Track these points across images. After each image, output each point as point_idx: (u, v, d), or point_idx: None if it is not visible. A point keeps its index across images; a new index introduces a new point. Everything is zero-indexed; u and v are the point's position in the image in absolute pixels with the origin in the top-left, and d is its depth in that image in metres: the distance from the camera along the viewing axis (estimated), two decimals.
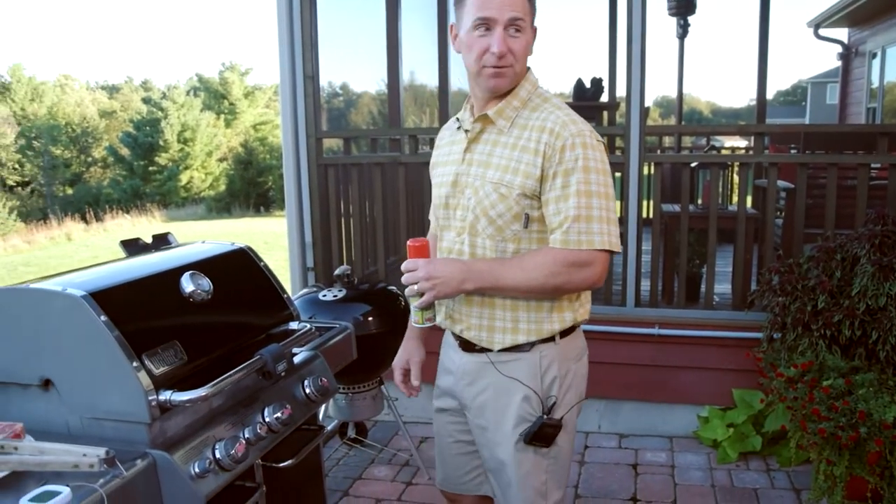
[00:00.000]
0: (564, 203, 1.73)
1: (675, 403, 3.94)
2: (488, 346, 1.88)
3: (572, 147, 1.73)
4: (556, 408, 1.87)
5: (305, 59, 4.15)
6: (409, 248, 1.81)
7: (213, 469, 1.59)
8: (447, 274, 1.76)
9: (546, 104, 1.82)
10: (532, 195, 1.77)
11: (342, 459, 3.77)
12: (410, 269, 1.77)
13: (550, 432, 1.85)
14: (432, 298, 1.77)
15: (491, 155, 1.82)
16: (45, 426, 1.66)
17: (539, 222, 1.80)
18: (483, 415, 1.92)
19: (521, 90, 1.82)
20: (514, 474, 1.88)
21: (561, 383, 1.88)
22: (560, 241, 1.74)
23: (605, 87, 6.53)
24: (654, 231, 4.04)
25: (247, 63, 57.08)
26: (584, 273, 1.75)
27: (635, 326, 3.87)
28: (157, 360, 1.60)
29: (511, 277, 1.77)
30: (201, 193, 35.58)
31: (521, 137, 1.79)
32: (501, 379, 1.87)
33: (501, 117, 1.81)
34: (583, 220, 1.72)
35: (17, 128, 37.08)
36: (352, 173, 4.35)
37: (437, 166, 2.00)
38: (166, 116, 34.79)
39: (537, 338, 1.85)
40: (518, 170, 1.77)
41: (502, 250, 1.82)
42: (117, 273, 1.81)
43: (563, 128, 1.74)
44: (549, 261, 1.75)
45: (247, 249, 2.14)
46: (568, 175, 1.73)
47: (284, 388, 1.95)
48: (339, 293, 3.16)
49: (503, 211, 1.78)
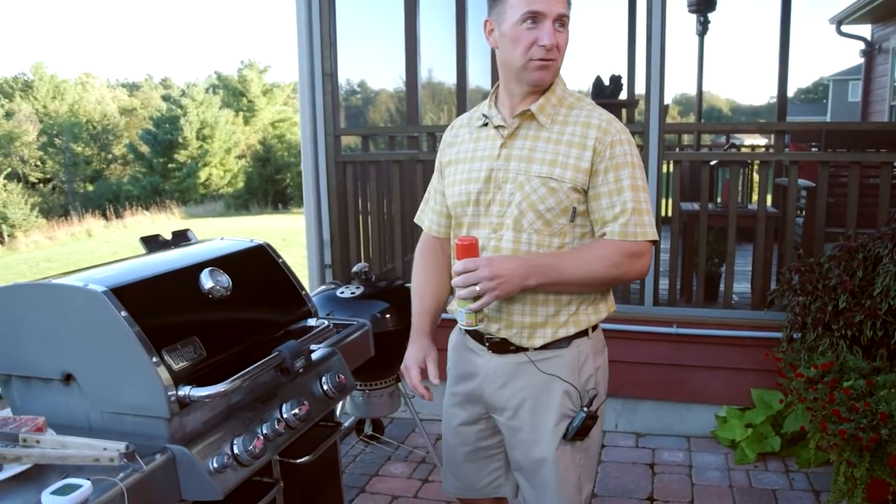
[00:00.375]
0: (619, 196, 1.77)
1: (693, 403, 3.92)
2: (528, 344, 1.86)
3: (620, 143, 1.79)
4: (596, 400, 1.88)
5: (324, 57, 4.16)
6: (458, 247, 1.74)
7: (231, 464, 1.60)
8: (510, 272, 1.72)
9: (582, 102, 1.87)
10: (581, 189, 1.79)
11: (359, 456, 3.78)
12: (469, 270, 1.71)
13: (590, 425, 1.86)
14: (493, 299, 1.73)
15: (533, 150, 1.82)
16: (66, 420, 1.68)
17: (583, 216, 1.83)
18: (519, 415, 1.90)
19: (557, 87, 1.85)
20: (554, 472, 1.87)
21: (595, 376, 1.91)
22: (619, 232, 1.78)
23: (623, 84, 6.51)
24: (672, 229, 4.02)
25: (265, 61, 57.58)
26: (640, 263, 1.80)
27: (653, 325, 3.85)
28: (177, 355, 1.61)
29: (574, 270, 1.78)
30: (220, 190, 35.79)
31: (564, 133, 1.81)
32: (541, 377, 1.86)
33: (543, 113, 1.83)
34: (637, 213, 1.78)
35: (39, 125, 37.48)
36: (370, 171, 4.36)
37: (460, 163, 1.95)
38: (185, 114, 35.01)
39: (576, 329, 1.86)
40: (567, 164, 1.78)
41: (548, 244, 1.82)
42: (138, 269, 1.83)
43: (609, 125, 1.80)
44: (610, 252, 1.78)
45: (265, 246, 2.15)
46: (619, 169, 1.78)
47: (302, 385, 1.95)
48: (356, 290, 3.17)
49: (553, 205, 1.79)
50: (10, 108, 37.61)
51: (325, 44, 4.15)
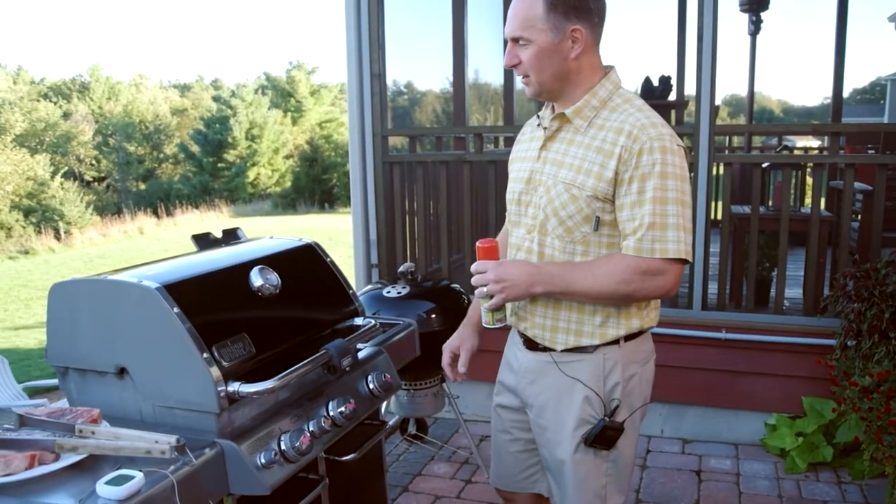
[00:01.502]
0: (640, 209, 1.70)
1: (742, 410, 3.85)
2: (551, 346, 1.87)
3: (650, 151, 1.69)
4: (619, 411, 1.84)
5: (372, 58, 4.19)
6: (479, 249, 1.81)
7: (278, 460, 1.62)
8: (516, 277, 1.75)
9: (626, 105, 1.78)
10: (604, 198, 1.74)
11: (402, 455, 3.80)
12: (480, 271, 1.78)
13: (612, 435, 1.83)
14: (501, 301, 1.77)
15: (565, 154, 1.80)
16: (119, 412, 1.72)
17: (610, 226, 1.77)
18: (544, 414, 1.92)
19: (601, 89, 1.79)
20: (573, 476, 1.87)
21: (624, 386, 1.85)
22: (633, 248, 1.72)
23: (673, 85, 6.41)
24: (722, 233, 3.95)
25: (313, 62, 58.22)
26: (657, 282, 1.72)
27: (701, 330, 3.79)
28: (227, 352, 1.64)
29: (581, 283, 1.75)
30: (268, 190, 36.32)
31: (596, 138, 1.76)
32: (563, 379, 1.86)
33: (579, 116, 1.79)
34: (657, 227, 1.69)
35: (95, 125, 38.50)
36: (417, 171, 4.37)
37: (514, 161, 2.00)
38: (235, 114, 35.60)
39: (601, 341, 1.83)
40: (591, 171, 1.74)
41: (571, 252, 1.80)
42: (189, 266, 1.86)
43: (641, 131, 1.71)
44: (620, 268, 1.72)
45: (314, 245, 2.17)
46: (644, 180, 1.70)
47: (348, 383, 1.97)
48: (402, 290, 3.18)
49: (573, 212, 1.77)
50: (67, 109, 38.72)
51: (373, 45, 4.17)
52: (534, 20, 1.72)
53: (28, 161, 30.06)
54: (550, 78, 1.78)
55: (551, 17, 1.71)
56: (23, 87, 41.05)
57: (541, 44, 1.73)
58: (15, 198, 28.27)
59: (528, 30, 1.73)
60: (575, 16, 1.72)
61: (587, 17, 1.73)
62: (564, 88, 1.80)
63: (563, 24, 1.72)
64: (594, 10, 1.74)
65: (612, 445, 1.85)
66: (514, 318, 1.95)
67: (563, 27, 1.72)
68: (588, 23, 1.74)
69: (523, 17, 1.73)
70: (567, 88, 1.80)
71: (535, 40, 1.73)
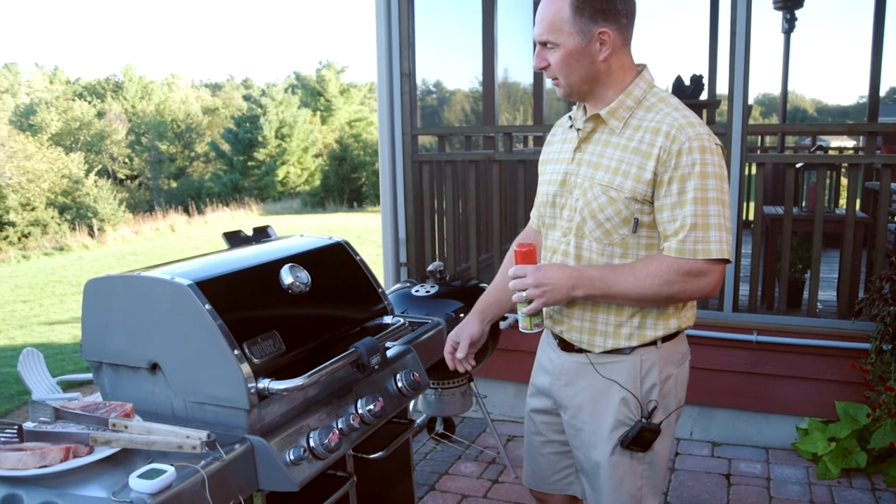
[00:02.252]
0: (680, 210, 1.69)
1: (773, 413, 3.80)
2: (588, 348, 1.86)
3: (689, 151, 1.68)
4: (656, 412, 1.83)
5: (402, 57, 4.20)
6: (516, 253, 1.80)
7: (307, 457, 1.63)
8: (557, 280, 1.74)
9: (662, 104, 1.77)
10: (643, 200, 1.73)
11: (429, 454, 3.80)
12: (519, 276, 1.76)
13: (649, 437, 1.82)
14: (541, 306, 1.76)
15: (601, 156, 1.79)
16: (151, 407, 1.74)
17: (649, 227, 1.76)
18: (579, 416, 1.90)
19: (635, 89, 1.78)
20: (609, 478, 1.86)
21: (661, 388, 1.84)
22: (675, 249, 1.70)
23: (705, 84, 6.35)
24: (754, 234, 3.90)
25: (343, 61, 58.58)
26: (699, 283, 1.71)
27: (732, 332, 3.75)
28: (257, 348, 1.65)
29: (623, 285, 1.73)
30: (297, 188, 36.56)
31: (632, 139, 1.75)
32: (600, 380, 1.85)
33: (614, 117, 1.78)
34: (700, 228, 1.68)
35: (128, 124, 39.06)
36: (446, 170, 4.37)
37: (548, 163, 1.98)
38: (265, 113, 35.89)
39: (639, 343, 1.82)
40: (629, 173, 1.73)
41: (609, 254, 1.79)
42: (221, 264, 1.88)
43: (679, 131, 1.70)
44: (663, 269, 1.71)
45: (344, 244, 2.18)
46: (684, 181, 1.69)
47: (377, 381, 1.97)
48: (431, 289, 3.18)
49: (611, 214, 1.75)
50: (101, 108, 39.35)
51: (403, 44, 4.18)
52: (560, 23, 1.71)
53: (63, 159, 30.57)
54: (579, 80, 1.77)
55: (578, 20, 1.69)
56: (59, 87, 41.84)
57: (568, 47, 1.72)
58: (51, 195, 28.77)
59: (555, 33, 1.72)
60: (602, 18, 1.70)
61: (615, 18, 1.71)
62: (595, 90, 1.79)
63: (591, 27, 1.70)
64: (622, 10, 1.72)
65: (648, 447, 1.83)
66: (548, 321, 1.95)
67: (590, 30, 1.70)
68: (616, 24, 1.72)
69: (550, 20, 1.72)
70: (598, 89, 1.79)
71: (563, 44, 1.72)
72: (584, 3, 1.69)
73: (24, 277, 16.32)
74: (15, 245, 24.53)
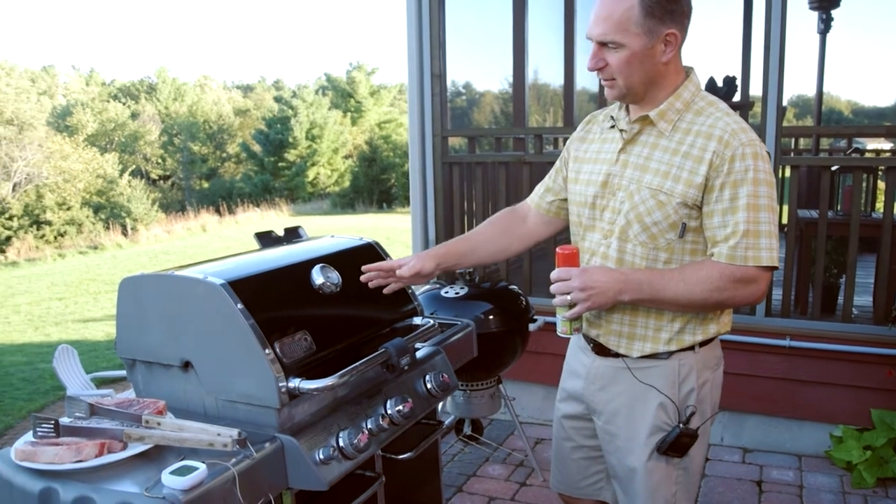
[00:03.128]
0: (732, 216, 1.67)
1: (806, 420, 3.74)
2: (626, 353, 1.84)
3: (742, 157, 1.66)
4: (693, 418, 1.82)
5: (433, 58, 4.20)
6: (559, 255, 1.75)
7: (336, 457, 1.64)
8: (603, 284, 1.70)
9: (711, 108, 1.75)
10: (693, 205, 1.70)
11: (457, 456, 3.80)
12: (563, 279, 1.72)
13: (687, 442, 1.80)
14: (585, 310, 1.72)
15: (649, 158, 1.76)
16: (183, 405, 1.76)
17: (695, 232, 1.74)
18: (614, 421, 1.89)
19: (685, 91, 1.75)
20: (645, 484, 1.84)
21: (698, 392, 1.83)
22: (726, 255, 1.68)
23: (738, 85, 6.28)
24: (788, 238, 3.85)
25: (373, 63, 58.77)
26: (749, 290, 1.69)
27: (764, 337, 3.70)
28: (288, 348, 1.66)
29: (672, 290, 1.71)
30: (327, 189, 36.77)
31: (683, 142, 1.72)
32: (637, 385, 1.83)
33: (663, 119, 1.74)
34: (751, 235, 1.66)
35: (161, 125, 39.60)
36: (476, 172, 4.37)
37: (584, 162, 1.93)
38: (296, 115, 36.15)
39: (678, 347, 1.80)
40: (679, 177, 1.70)
41: (653, 258, 1.76)
42: (253, 264, 1.90)
43: (732, 136, 1.67)
44: (714, 275, 1.68)
45: (374, 244, 2.18)
46: (737, 187, 1.66)
47: (406, 382, 1.98)
48: (460, 290, 3.18)
49: (660, 219, 1.73)
50: (135, 110, 39.95)
51: (434, 45, 4.19)
52: (628, 23, 1.64)
53: (98, 160, 31.07)
54: (639, 82, 1.72)
55: (648, 21, 1.64)
56: (94, 89, 42.55)
57: (634, 48, 1.66)
58: (86, 195, 29.25)
59: (620, 33, 1.65)
60: (670, 19, 1.66)
61: (681, 19, 1.68)
62: (649, 91, 1.74)
63: (659, 28, 1.65)
64: (686, 11, 1.69)
65: (685, 453, 1.82)
66: (584, 324, 1.92)
67: (658, 31, 1.65)
68: (681, 25, 1.68)
69: (617, 19, 1.65)
70: (652, 91, 1.74)
71: (628, 44, 1.66)
72: (655, 4, 1.63)
73: (60, 275, 16.62)
74: (51, 244, 24.98)
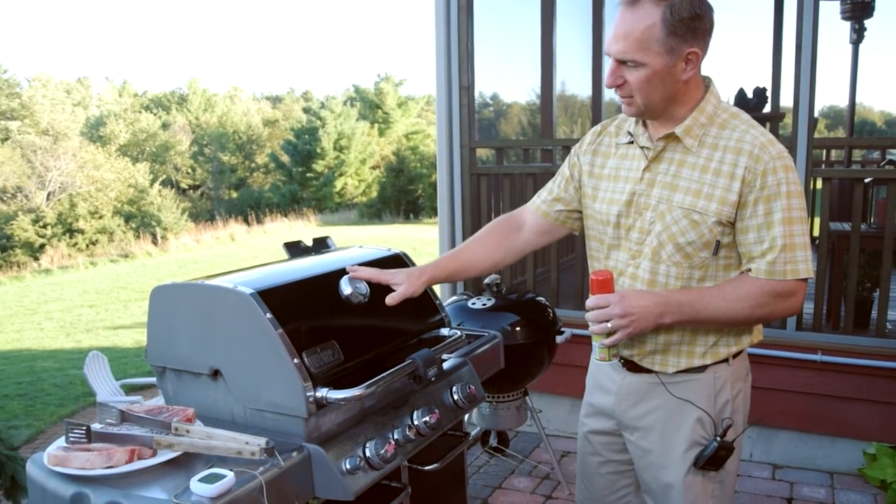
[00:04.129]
0: (768, 231, 1.65)
1: (838, 437, 3.68)
2: (659, 369, 1.82)
3: (774, 171, 1.64)
4: (730, 429, 1.80)
5: (462, 70, 4.22)
6: (593, 282, 1.70)
7: (362, 467, 1.64)
8: (644, 309, 1.66)
9: (735, 120, 1.72)
10: (727, 222, 1.68)
11: (483, 467, 3.78)
12: (601, 306, 1.67)
13: (724, 455, 1.78)
14: (626, 336, 1.68)
15: (678, 177, 1.73)
16: (212, 413, 1.78)
17: (728, 248, 1.72)
18: (648, 437, 1.86)
19: (707, 105, 1.72)
20: (681, 499, 1.82)
21: (733, 403, 1.81)
22: (765, 271, 1.66)
23: (768, 97, 6.22)
24: (820, 251, 3.79)
25: (401, 74, 59.18)
26: (788, 303, 1.68)
27: (795, 351, 3.64)
28: (316, 358, 1.67)
29: (713, 309, 1.68)
30: (354, 199, 36.97)
31: (712, 159, 1.69)
32: (673, 400, 1.81)
33: (689, 136, 1.71)
34: (788, 248, 1.64)
35: (192, 136, 40.11)
36: (504, 183, 4.37)
37: (602, 179, 1.89)
38: (324, 125, 36.42)
39: (713, 360, 1.78)
40: (713, 195, 1.67)
41: (688, 277, 1.74)
42: (281, 274, 1.91)
43: (762, 150, 1.65)
44: (754, 292, 1.66)
45: (402, 255, 2.19)
46: (770, 201, 1.64)
47: (433, 393, 1.98)
48: (487, 302, 3.18)
49: (694, 238, 1.70)
50: (167, 120, 40.53)
51: (462, 57, 4.20)
52: (649, 42, 1.61)
53: (130, 169, 31.55)
54: (659, 100, 1.69)
55: (670, 39, 1.61)
56: (127, 100, 43.23)
57: (654, 67, 1.63)
58: (117, 204, 29.69)
59: (640, 52, 1.62)
60: (692, 37, 1.63)
61: (703, 37, 1.65)
62: (668, 108, 1.72)
63: (681, 47, 1.62)
64: (709, 28, 1.66)
65: (721, 466, 1.80)
66: None
67: (680, 50, 1.62)
68: (703, 43, 1.66)
69: (637, 37, 1.61)
70: (671, 108, 1.72)
71: (649, 63, 1.63)
72: (679, 22, 1.60)
73: (92, 283, 16.88)
74: (83, 252, 25.38)
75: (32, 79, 36.04)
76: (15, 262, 23.19)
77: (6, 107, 34.11)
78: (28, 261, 23.37)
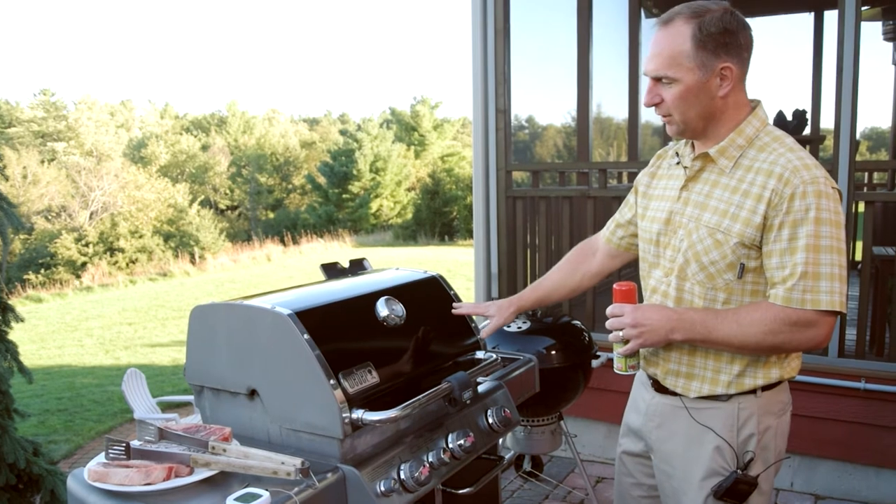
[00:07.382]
0: (790, 257, 1.62)
1: (883, 467, 3.57)
2: (683, 393, 1.81)
3: (803, 196, 1.60)
4: (753, 464, 1.75)
5: (498, 94, 4.24)
6: (615, 291, 1.75)
7: (397, 489, 1.64)
8: (655, 322, 1.69)
9: (775, 143, 1.70)
10: (751, 244, 1.66)
11: (516, 492, 3.75)
12: (616, 314, 1.72)
13: (745, 490, 1.74)
14: (637, 347, 1.71)
15: (709, 196, 1.73)
16: (249, 432, 1.79)
17: (755, 273, 1.69)
18: (669, 461, 1.85)
19: (748, 127, 1.71)
20: None
21: (759, 439, 1.76)
22: (782, 297, 1.63)
23: (808, 119, 6.15)
24: (863, 275, 3.71)
25: (436, 97, 59.49)
26: (807, 334, 1.63)
27: (838, 378, 3.56)
28: (352, 379, 1.68)
29: (725, 331, 1.66)
30: (389, 221, 37.17)
31: (743, 180, 1.68)
32: (694, 426, 1.79)
33: (724, 156, 1.71)
34: (810, 277, 1.60)
35: (230, 157, 40.78)
36: (539, 206, 4.37)
37: (652, 199, 1.92)
38: (360, 147, 36.77)
39: (737, 391, 1.75)
40: (738, 216, 1.67)
41: (711, 299, 1.73)
42: (319, 295, 1.92)
43: (793, 174, 1.62)
44: (768, 318, 1.63)
45: (438, 278, 2.20)
46: (796, 226, 1.61)
47: (468, 416, 1.97)
48: (523, 325, 3.16)
49: (717, 258, 1.70)
50: (206, 142, 41.27)
51: (499, 81, 4.23)
52: (680, 58, 1.63)
53: (169, 190, 32.15)
54: (696, 117, 1.69)
55: (700, 54, 1.62)
56: (168, 122, 44.20)
57: (687, 82, 1.65)
58: (157, 223, 30.23)
59: (673, 68, 1.64)
60: (724, 52, 1.63)
61: (737, 52, 1.65)
62: (709, 127, 1.72)
63: (713, 62, 1.63)
64: (744, 44, 1.66)
65: (743, 500, 1.75)
66: (643, 362, 1.90)
67: (712, 65, 1.63)
68: (738, 59, 1.65)
69: (669, 54, 1.64)
70: (712, 127, 1.72)
71: (682, 79, 1.65)
72: (708, 37, 1.62)
73: (131, 301, 17.14)
74: (123, 270, 25.84)
75: (78, 102, 37.10)
76: (58, 280, 23.67)
77: (53, 129, 35.08)
78: (70, 278, 23.83)
